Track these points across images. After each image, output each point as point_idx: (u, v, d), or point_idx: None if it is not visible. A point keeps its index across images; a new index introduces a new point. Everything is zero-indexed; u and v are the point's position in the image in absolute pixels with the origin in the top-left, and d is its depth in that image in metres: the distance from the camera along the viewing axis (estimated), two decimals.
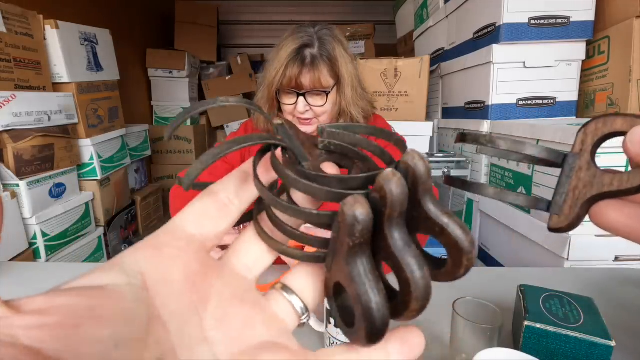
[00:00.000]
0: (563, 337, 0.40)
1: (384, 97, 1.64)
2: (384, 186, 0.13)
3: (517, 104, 1.36)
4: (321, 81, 0.75)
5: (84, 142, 1.84)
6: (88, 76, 1.87)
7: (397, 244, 0.13)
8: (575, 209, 0.16)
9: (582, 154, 0.16)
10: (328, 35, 0.77)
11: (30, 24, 1.57)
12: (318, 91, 0.76)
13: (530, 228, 1.13)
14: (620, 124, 0.15)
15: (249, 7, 3.90)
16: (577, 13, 1.26)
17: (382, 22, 3.48)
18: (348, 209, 0.13)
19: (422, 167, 0.13)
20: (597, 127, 0.16)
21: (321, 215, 0.14)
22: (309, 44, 0.74)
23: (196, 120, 3.36)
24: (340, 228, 0.13)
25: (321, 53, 0.74)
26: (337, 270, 0.14)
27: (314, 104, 0.77)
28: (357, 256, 0.13)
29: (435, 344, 0.48)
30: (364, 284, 0.13)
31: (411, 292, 0.13)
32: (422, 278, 0.13)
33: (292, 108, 0.78)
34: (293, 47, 0.74)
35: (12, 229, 1.42)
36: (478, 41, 1.45)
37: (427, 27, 1.98)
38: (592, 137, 0.16)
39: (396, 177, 0.13)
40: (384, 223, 0.13)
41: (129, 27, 2.83)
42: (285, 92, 0.77)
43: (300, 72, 0.74)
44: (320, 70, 0.74)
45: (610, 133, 0.16)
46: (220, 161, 0.87)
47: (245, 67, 3.48)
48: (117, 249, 2.16)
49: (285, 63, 0.74)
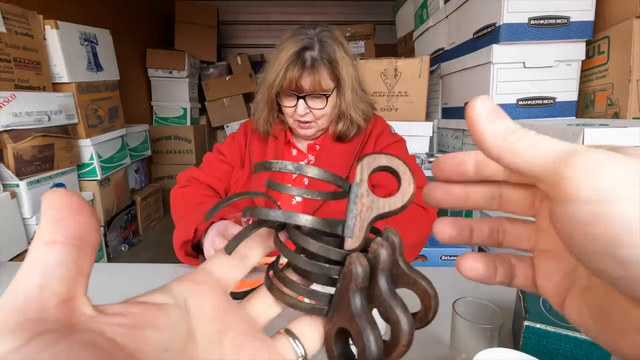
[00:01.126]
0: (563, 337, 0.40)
1: (384, 97, 1.64)
2: (377, 249, 0.18)
3: (517, 104, 1.36)
4: (321, 84, 0.74)
5: (84, 142, 1.84)
6: (88, 76, 1.87)
7: (386, 291, 0.18)
8: (362, 230, 0.19)
9: (361, 183, 0.19)
10: (328, 37, 0.76)
11: (30, 24, 1.57)
12: (318, 94, 0.76)
13: None
14: (383, 160, 0.19)
15: (249, 7, 3.91)
16: (577, 13, 1.26)
17: (382, 22, 3.48)
18: (354, 261, 0.18)
19: (397, 241, 0.19)
20: (369, 162, 0.20)
21: (331, 269, 0.19)
22: (309, 46, 0.74)
23: (196, 120, 3.37)
24: (346, 277, 0.18)
25: (321, 56, 0.74)
26: (340, 316, 0.19)
27: (314, 107, 0.77)
28: (357, 297, 0.18)
29: (435, 344, 0.48)
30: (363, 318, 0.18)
31: (401, 327, 0.17)
32: (407, 318, 0.18)
33: (292, 111, 0.77)
34: (293, 50, 0.73)
35: (12, 229, 1.42)
36: (478, 41, 1.45)
37: (427, 27, 1.98)
38: (367, 169, 0.20)
39: (384, 244, 0.18)
40: (377, 275, 0.18)
41: (129, 27, 2.83)
42: (285, 94, 0.77)
43: (300, 75, 0.73)
44: (321, 73, 0.74)
45: (378, 167, 0.20)
46: (220, 162, 0.87)
47: (245, 67, 3.48)
48: (117, 249, 2.16)
49: (285, 66, 0.73)
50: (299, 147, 0.87)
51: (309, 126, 0.80)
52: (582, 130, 0.91)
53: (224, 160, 0.87)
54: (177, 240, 0.69)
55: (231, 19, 3.90)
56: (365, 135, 0.84)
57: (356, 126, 0.81)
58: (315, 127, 0.80)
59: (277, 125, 0.84)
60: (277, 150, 0.83)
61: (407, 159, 0.83)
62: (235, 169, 0.86)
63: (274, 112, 0.82)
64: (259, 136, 0.86)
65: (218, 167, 0.87)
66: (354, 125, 0.81)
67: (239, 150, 0.87)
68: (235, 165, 0.86)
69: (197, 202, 0.78)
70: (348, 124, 0.80)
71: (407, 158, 0.83)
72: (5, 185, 1.45)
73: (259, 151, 0.85)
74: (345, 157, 0.81)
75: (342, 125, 0.80)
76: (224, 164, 0.87)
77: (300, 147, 0.87)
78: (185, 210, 0.76)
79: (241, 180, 0.83)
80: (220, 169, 0.86)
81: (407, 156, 0.84)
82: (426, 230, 0.71)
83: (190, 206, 0.76)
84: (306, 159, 0.85)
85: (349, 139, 0.83)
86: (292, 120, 0.80)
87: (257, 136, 0.87)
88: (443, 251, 1.48)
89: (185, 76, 3.12)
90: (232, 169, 0.87)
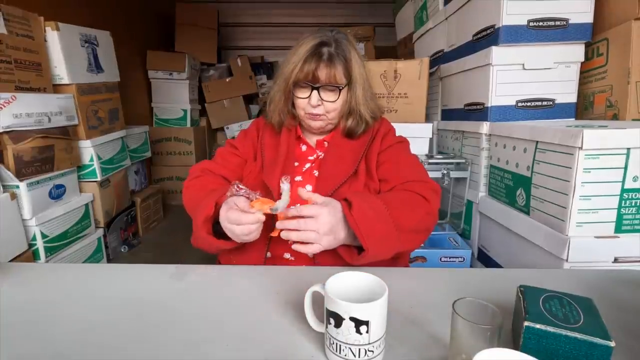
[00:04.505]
0: (563, 338, 0.40)
1: (384, 98, 1.64)
2: None
3: (516, 106, 1.36)
4: (336, 77, 0.79)
5: (84, 144, 1.84)
6: (88, 78, 1.87)
7: None
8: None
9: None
10: (344, 39, 0.82)
11: (31, 26, 1.57)
12: (332, 86, 0.79)
13: (529, 229, 1.13)
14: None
15: (249, 9, 3.91)
16: (576, 15, 1.27)
17: (382, 24, 3.49)
18: None
19: None
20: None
21: None
22: (326, 42, 0.79)
23: (196, 122, 3.37)
24: None
25: (337, 52, 0.79)
26: None
27: (327, 99, 0.80)
28: None
29: (435, 344, 0.48)
30: None
31: None
32: None
33: (305, 102, 0.81)
34: (312, 44, 0.78)
35: (11, 230, 1.42)
36: (477, 43, 1.45)
37: (427, 29, 1.99)
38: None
39: None
40: None
41: (130, 28, 2.84)
42: (301, 85, 0.81)
43: (317, 67, 0.78)
44: (336, 67, 0.78)
45: None
46: (232, 154, 0.90)
47: (246, 69, 3.49)
48: (116, 250, 2.16)
49: (304, 57, 0.78)
50: (309, 142, 0.90)
51: (319, 118, 0.82)
52: (582, 132, 0.92)
53: (237, 154, 0.90)
54: (199, 219, 0.71)
55: (231, 21, 3.91)
56: (373, 134, 0.87)
57: (365, 123, 0.84)
58: (325, 119, 0.83)
59: (289, 118, 0.87)
60: (289, 143, 0.86)
61: (409, 159, 0.85)
62: (248, 162, 0.89)
63: (289, 103, 0.85)
64: (271, 131, 0.90)
65: (231, 159, 0.89)
66: (363, 122, 0.84)
67: (251, 144, 0.91)
68: (249, 158, 0.90)
69: (212, 188, 0.80)
70: (357, 120, 0.84)
71: (409, 158, 0.85)
72: (5, 186, 1.45)
73: (271, 145, 0.88)
74: (354, 153, 0.84)
75: (351, 121, 0.84)
76: (236, 156, 0.90)
77: (310, 143, 0.89)
78: (201, 195, 0.78)
79: (254, 173, 0.86)
80: (233, 162, 0.89)
81: (410, 156, 0.86)
82: (423, 218, 0.72)
83: (205, 191, 0.79)
84: (315, 154, 0.87)
85: (357, 136, 0.86)
86: (303, 112, 0.83)
87: (268, 131, 0.90)
88: (443, 252, 1.48)
89: (185, 78, 3.13)
90: (245, 161, 0.90)
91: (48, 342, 0.49)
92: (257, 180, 0.83)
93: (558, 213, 1.01)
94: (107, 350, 0.47)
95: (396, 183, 0.78)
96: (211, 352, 0.47)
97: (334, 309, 0.43)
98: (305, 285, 0.50)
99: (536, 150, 1.10)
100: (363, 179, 0.80)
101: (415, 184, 0.76)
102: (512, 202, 1.25)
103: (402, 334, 0.50)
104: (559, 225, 1.01)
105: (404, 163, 0.82)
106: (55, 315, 0.55)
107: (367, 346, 0.42)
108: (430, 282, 0.63)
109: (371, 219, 0.65)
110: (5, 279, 0.66)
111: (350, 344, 0.42)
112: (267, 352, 0.47)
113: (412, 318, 0.53)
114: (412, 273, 0.69)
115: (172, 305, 0.58)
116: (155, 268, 0.70)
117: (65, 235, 1.70)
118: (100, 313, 0.56)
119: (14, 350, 0.48)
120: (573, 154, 0.95)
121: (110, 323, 0.53)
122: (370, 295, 0.45)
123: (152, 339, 0.49)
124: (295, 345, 0.48)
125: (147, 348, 0.48)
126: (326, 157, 0.84)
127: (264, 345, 0.48)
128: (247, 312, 0.55)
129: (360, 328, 0.42)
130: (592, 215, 0.97)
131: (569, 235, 0.98)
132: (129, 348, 0.48)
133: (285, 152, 0.84)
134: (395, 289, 0.56)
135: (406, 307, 0.56)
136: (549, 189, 1.05)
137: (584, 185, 0.95)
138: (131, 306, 0.57)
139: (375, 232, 0.64)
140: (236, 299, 0.59)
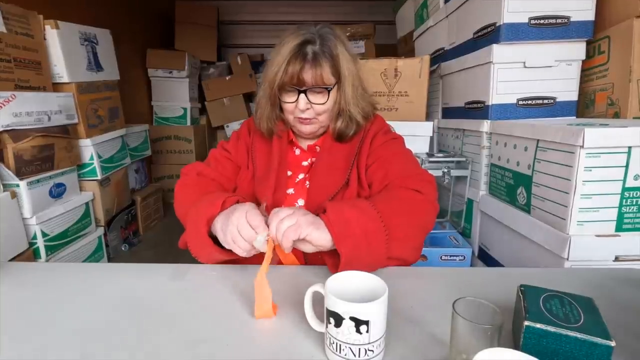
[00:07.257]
0: (563, 337, 0.40)
1: (384, 97, 1.64)
2: None
3: (517, 104, 1.36)
4: (323, 78, 0.73)
5: (84, 142, 1.84)
6: (88, 76, 1.87)
7: None
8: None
9: None
10: (329, 34, 0.76)
11: (31, 24, 1.57)
12: (320, 88, 0.75)
13: (530, 228, 1.12)
14: None
15: (249, 7, 3.91)
16: (577, 13, 1.26)
17: (382, 22, 3.48)
18: None
19: None
20: None
21: None
22: (310, 40, 0.74)
23: (196, 120, 3.36)
24: None
25: (323, 50, 0.73)
26: None
27: (315, 102, 0.76)
28: None
29: (435, 344, 0.48)
30: None
31: None
32: None
33: (293, 107, 0.76)
34: (295, 43, 0.73)
35: (12, 229, 1.42)
36: (478, 41, 1.45)
37: (427, 27, 1.98)
38: None
39: None
40: None
41: (129, 27, 2.83)
42: (286, 89, 0.76)
43: (302, 68, 0.72)
44: (322, 66, 0.73)
45: None
46: (227, 159, 0.87)
47: (245, 67, 3.48)
48: (117, 249, 2.16)
49: (287, 59, 0.72)
50: (302, 146, 0.86)
51: (309, 122, 0.79)
52: (583, 130, 0.91)
53: (231, 158, 0.86)
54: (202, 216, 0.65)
55: (231, 19, 3.90)
56: (363, 135, 0.83)
57: (355, 124, 0.80)
58: (317, 123, 0.79)
59: (279, 124, 0.83)
60: (281, 150, 0.83)
61: (403, 154, 0.81)
62: (242, 168, 0.86)
63: (276, 109, 0.81)
64: (261, 136, 0.85)
65: (226, 164, 0.86)
66: (353, 123, 0.80)
67: (245, 148, 0.87)
68: (242, 165, 0.86)
69: (208, 191, 0.77)
70: (347, 121, 0.79)
71: (402, 153, 0.81)
72: (6, 185, 1.45)
73: (263, 151, 0.84)
74: (345, 160, 0.80)
75: (340, 123, 0.79)
76: (230, 162, 0.86)
77: (302, 147, 0.86)
78: (197, 197, 0.73)
79: (245, 181, 0.82)
80: (227, 167, 0.85)
81: (403, 151, 0.82)
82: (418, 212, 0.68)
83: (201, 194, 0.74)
84: (309, 159, 0.84)
85: (348, 139, 0.82)
86: (292, 117, 0.79)
87: (258, 136, 0.86)
88: (443, 251, 1.48)
89: (185, 76, 3.12)
90: (239, 167, 0.86)
91: (48, 341, 0.49)
92: (249, 190, 0.80)
93: (559, 212, 1.01)
94: (107, 350, 0.47)
95: (387, 182, 0.74)
96: (211, 352, 0.47)
97: (334, 308, 0.42)
98: (305, 285, 0.50)
99: (537, 148, 1.10)
100: (355, 189, 0.76)
101: (407, 179, 0.72)
102: (512, 201, 1.25)
103: (402, 334, 0.50)
104: (560, 223, 1.01)
105: (392, 160, 0.77)
106: (55, 314, 0.55)
107: (367, 346, 0.42)
108: (431, 281, 0.63)
109: (348, 219, 0.59)
110: (5, 278, 0.66)
111: (350, 343, 0.42)
112: (267, 352, 0.47)
113: (412, 318, 0.53)
114: (412, 272, 0.69)
115: (172, 304, 0.57)
116: (155, 267, 0.70)
117: (65, 234, 1.70)
118: (100, 312, 0.56)
119: (14, 349, 0.48)
120: (574, 152, 0.95)
121: (111, 322, 0.53)
122: (370, 295, 0.45)
123: (152, 339, 0.49)
124: (295, 345, 0.48)
125: (147, 347, 0.48)
126: (317, 166, 0.80)
127: (264, 345, 0.48)
128: (247, 312, 0.55)
129: (360, 328, 0.42)
130: (593, 213, 0.97)
131: (569, 234, 0.98)
132: (129, 347, 0.48)
133: (278, 161, 0.80)
134: (395, 289, 0.56)
135: (406, 307, 0.56)
136: (549, 188, 1.05)
137: (585, 183, 0.95)
138: (131, 305, 0.57)
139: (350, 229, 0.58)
140: (236, 299, 0.59)
